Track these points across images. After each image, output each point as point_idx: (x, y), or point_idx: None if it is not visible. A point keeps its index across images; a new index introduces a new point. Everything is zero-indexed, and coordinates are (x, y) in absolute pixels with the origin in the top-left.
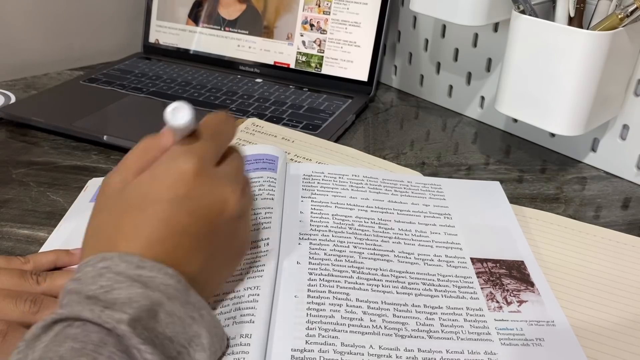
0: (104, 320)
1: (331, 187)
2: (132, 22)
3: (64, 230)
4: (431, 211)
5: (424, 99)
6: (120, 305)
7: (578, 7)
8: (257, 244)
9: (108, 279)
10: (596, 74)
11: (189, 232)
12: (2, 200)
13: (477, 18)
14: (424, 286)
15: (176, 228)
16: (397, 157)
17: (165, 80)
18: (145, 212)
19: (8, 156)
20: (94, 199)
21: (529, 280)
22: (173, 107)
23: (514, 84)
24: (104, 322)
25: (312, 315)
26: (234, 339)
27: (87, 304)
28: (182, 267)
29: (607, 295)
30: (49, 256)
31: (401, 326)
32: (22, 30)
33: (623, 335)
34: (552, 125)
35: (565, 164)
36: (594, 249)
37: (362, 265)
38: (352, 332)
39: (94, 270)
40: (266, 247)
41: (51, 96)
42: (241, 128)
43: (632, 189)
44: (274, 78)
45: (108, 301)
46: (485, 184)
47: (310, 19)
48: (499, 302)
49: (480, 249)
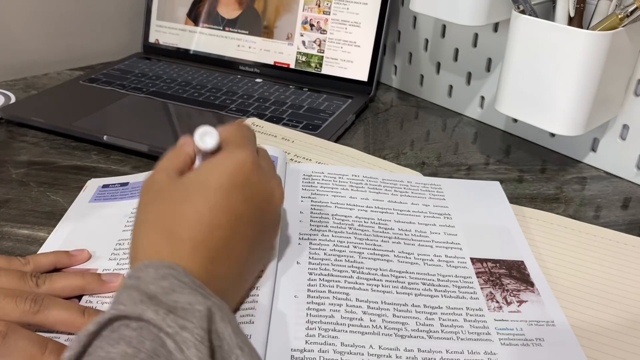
0: (168, 324)
1: (331, 187)
2: (132, 22)
3: (62, 231)
4: (431, 211)
5: (424, 99)
6: (182, 311)
7: (578, 7)
8: None
9: (170, 282)
10: (596, 73)
11: (245, 218)
12: (2, 200)
13: (477, 18)
14: (424, 286)
15: (235, 213)
16: (397, 157)
17: (165, 80)
18: (206, 198)
19: (8, 156)
20: (94, 199)
21: (528, 280)
22: (202, 133)
23: (514, 84)
24: (168, 325)
25: (312, 315)
26: None
27: (151, 304)
28: (235, 256)
29: (607, 295)
30: (49, 258)
31: (401, 326)
32: (22, 31)
33: (623, 335)
34: (552, 125)
35: (565, 164)
36: (594, 249)
37: (362, 265)
38: (352, 332)
39: (157, 272)
40: None
41: (51, 96)
42: None
43: (632, 189)
44: (274, 78)
45: (169, 304)
46: (485, 184)
47: (310, 19)
48: (499, 302)
49: (480, 249)
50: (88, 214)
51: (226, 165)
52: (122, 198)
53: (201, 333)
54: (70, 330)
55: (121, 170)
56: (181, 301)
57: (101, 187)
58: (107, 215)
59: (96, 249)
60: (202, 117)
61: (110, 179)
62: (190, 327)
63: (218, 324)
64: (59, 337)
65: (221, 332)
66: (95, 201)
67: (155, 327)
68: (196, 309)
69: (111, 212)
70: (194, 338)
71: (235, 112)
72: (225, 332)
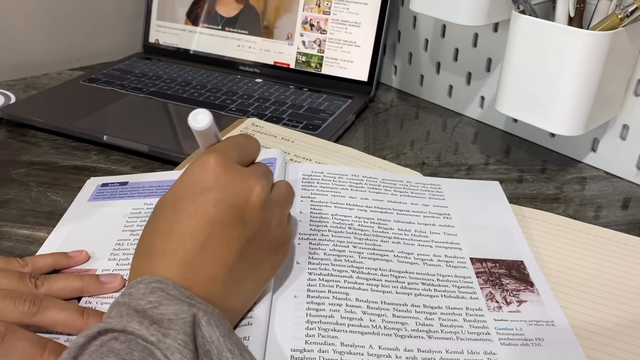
0: (151, 333)
1: (331, 187)
2: (132, 22)
3: (62, 231)
4: (431, 211)
5: (424, 99)
6: (167, 322)
7: (578, 7)
8: None
9: (158, 296)
10: (596, 74)
11: (218, 221)
12: (2, 200)
13: (477, 18)
14: (424, 286)
15: (205, 217)
16: (397, 157)
17: (165, 80)
18: (176, 210)
19: (8, 156)
20: (93, 198)
21: (528, 280)
22: (194, 113)
23: (514, 84)
24: (151, 334)
25: (311, 315)
26: None
27: (136, 317)
28: (216, 259)
29: (606, 295)
30: (47, 259)
31: (401, 326)
32: (22, 31)
33: (623, 335)
34: (552, 125)
35: (565, 164)
36: (594, 249)
37: (362, 265)
38: (352, 332)
39: (146, 287)
40: None
41: (51, 96)
42: (241, 128)
43: (632, 189)
44: (274, 78)
45: (155, 317)
46: (484, 183)
47: (310, 19)
48: (499, 302)
49: (480, 249)
50: (87, 214)
51: (192, 171)
52: (121, 197)
53: (184, 338)
54: (69, 331)
55: (121, 170)
56: (168, 313)
57: (100, 186)
58: (106, 215)
59: (95, 249)
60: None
61: (109, 177)
62: (173, 334)
63: (204, 328)
64: (58, 338)
65: (208, 336)
66: (94, 200)
67: (142, 339)
68: (180, 317)
69: (110, 211)
70: (176, 344)
71: (235, 112)
72: (212, 335)
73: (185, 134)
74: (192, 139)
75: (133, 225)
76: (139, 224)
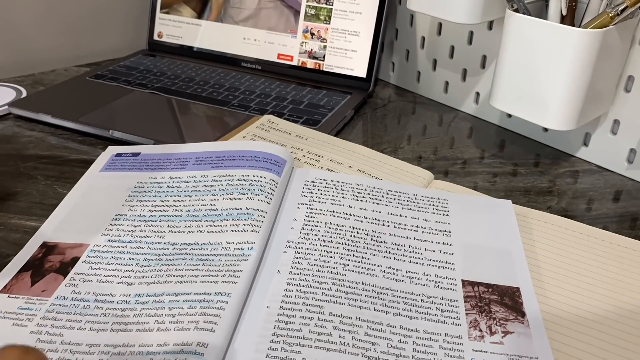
0: None
1: (331, 195)
2: (137, 20)
3: (70, 201)
4: (431, 227)
5: (421, 94)
6: None
7: (570, 5)
8: (240, 246)
9: None
10: (588, 70)
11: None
12: (10, 193)
13: (472, 16)
14: (405, 305)
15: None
16: (394, 151)
17: (169, 77)
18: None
19: (16, 150)
20: (104, 168)
21: (520, 309)
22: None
23: (508, 81)
24: None
25: (279, 327)
26: (191, 346)
27: None
28: None
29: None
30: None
31: (370, 346)
32: (30, 29)
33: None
34: (545, 120)
35: (558, 157)
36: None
37: (344, 277)
38: (317, 347)
39: None
40: (249, 251)
41: (58, 92)
42: (257, 124)
43: (623, 182)
44: (275, 75)
45: None
46: (495, 202)
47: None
48: (482, 331)
49: (475, 271)
50: (94, 185)
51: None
52: (130, 169)
53: None
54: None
55: None
56: None
57: (114, 156)
58: (111, 187)
59: (91, 222)
60: (205, 112)
61: (123, 147)
62: None
63: None
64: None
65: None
66: (105, 170)
67: None
68: None
69: (115, 183)
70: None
71: (237, 108)
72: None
73: (189, 129)
74: (195, 133)
75: (133, 200)
76: (139, 199)
